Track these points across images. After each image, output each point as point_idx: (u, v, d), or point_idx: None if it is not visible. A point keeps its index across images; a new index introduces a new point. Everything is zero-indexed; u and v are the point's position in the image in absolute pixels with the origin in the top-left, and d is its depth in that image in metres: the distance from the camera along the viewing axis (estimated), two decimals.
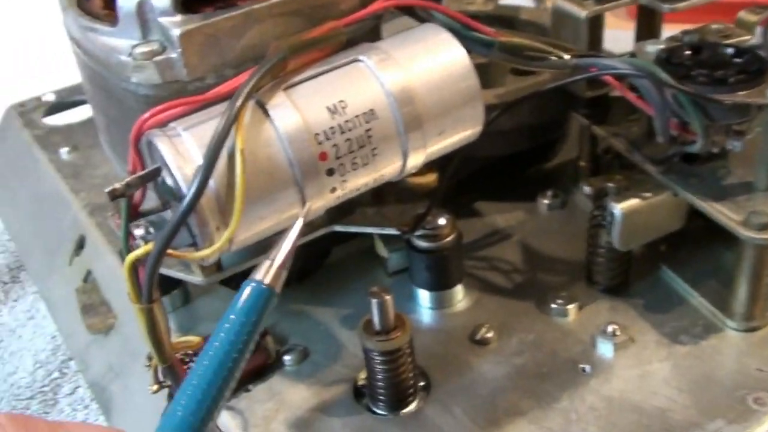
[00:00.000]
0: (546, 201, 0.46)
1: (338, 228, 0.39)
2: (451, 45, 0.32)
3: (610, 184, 0.38)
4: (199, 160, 0.28)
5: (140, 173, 0.28)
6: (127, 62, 0.32)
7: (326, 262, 0.44)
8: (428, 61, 0.31)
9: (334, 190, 0.30)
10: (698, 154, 0.38)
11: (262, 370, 0.38)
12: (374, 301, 0.33)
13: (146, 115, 0.28)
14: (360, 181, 0.31)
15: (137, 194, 0.29)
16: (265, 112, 0.29)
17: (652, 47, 0.39)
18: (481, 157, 0.47)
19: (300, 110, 0.29)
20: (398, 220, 0.39)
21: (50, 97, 0.63)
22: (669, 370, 0.36)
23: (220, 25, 0.32)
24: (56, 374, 0.49)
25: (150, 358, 0.38)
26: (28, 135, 0.59)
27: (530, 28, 0.52)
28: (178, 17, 0.32)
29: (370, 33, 0.35)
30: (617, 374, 0.36)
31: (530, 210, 0.46)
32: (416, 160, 0.32)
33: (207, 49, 0.32)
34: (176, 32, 0.31)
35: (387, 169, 0.32)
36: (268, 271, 0.27)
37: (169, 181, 0.28)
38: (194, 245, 0.29)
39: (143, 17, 0.32)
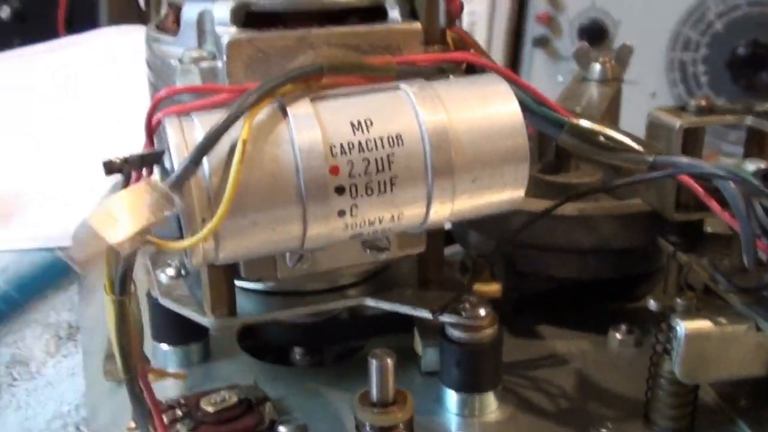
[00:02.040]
0: (619, 336, 0.41)
1: (370, 302, 0.36)
2: (506, 98, 0.30)
3: (679, 300, 0.33)
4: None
5: (141, 152, 0.27)
6: (175, 66, 0.31)
7: (360, 354, 0.41)
8: (476, 107, 0.29)
9: (342, 213, 0.28)
10: None
11: None
12: (373, 364, 0.29)
13: (162, 93, 0.27)
14: (374, 211, 0.28)
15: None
16: (285, 114, 0.27)
17: (753, 165, 0.35)
18: (552, 277, 0.43)
19: (321, 118, 0.27)
20: (434, 304, 0.35)
21: None
22: None
23: (273, 42, 0.31)
24: (71, 429, 0.47)
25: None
26: None
27: None
28: (234, 29, 0.31)
29: None
30: None
31: (598, 342, 0.41)
32: (442, 208, 0.29)
33: (254, 63, 0.31)
34: (224, 40, 0.30)
35: (407, 208, 0.29)
36: None
37: (167, 165, 0.27)
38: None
39: (202, 27, 0.32)
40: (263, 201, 0.26)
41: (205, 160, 0.26)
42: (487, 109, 0.29)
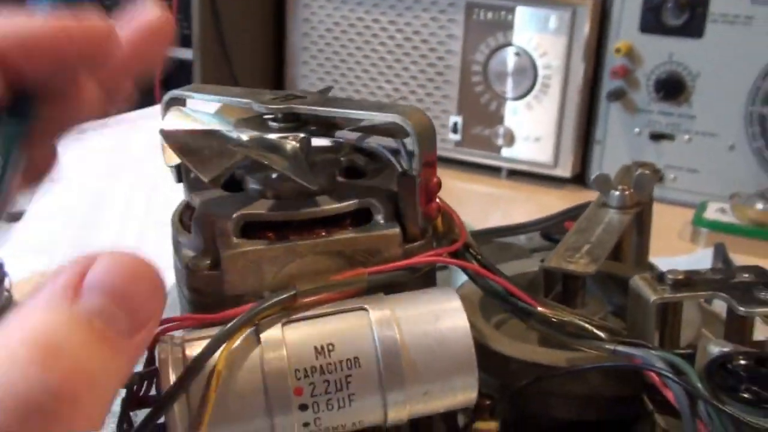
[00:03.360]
0: None
1: None
2: (456, 315, 0.34)
3: None
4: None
5: (140, 371, 0.32)
6: (184, 271, 0.37)
7: None
8: (428, 326, 0.33)
9: (307, 424, 0.32)
10: None
11: None
12: None
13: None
14: (336, 421, 0.33)
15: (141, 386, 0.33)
16: (258, 340, 0.32)
17: (716, 348, 0.37)
18: (548, 417, 0.46)
19: (288, 345, 0.32)
20: None
21: None
22: None
23: (264, 254, 0.36)
24: None
25: None
26: None
27: None
28: (234, 239, 0.36)
29: (413, 282, 0.37)
30: None
31: None
32: (398, 414, 0.33)
33: (248, 272, 0.36)
34: (223, 254, 0.35)
35: (365, 416, 0.33)
36: None
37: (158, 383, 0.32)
38: None
39: (207, 233, 0.37)
40: (235, 418, 0.32)
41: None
42: (437, 325, 0.33)
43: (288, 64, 1.23)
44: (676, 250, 0.89)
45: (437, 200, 0.38)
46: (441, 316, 0.34)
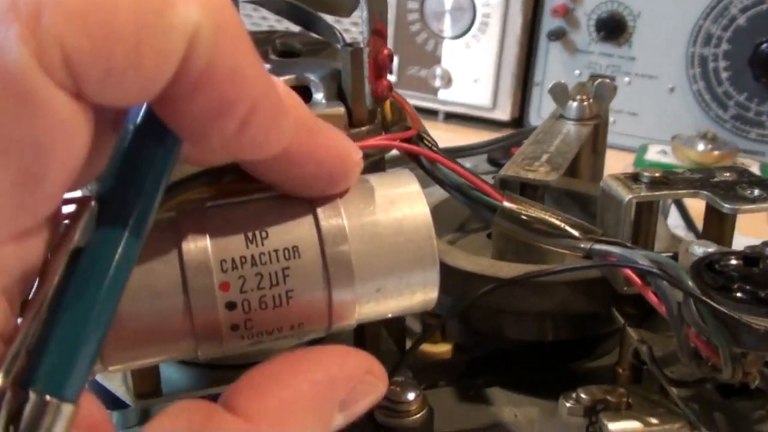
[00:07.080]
0: (568, 404, 0.39)
1: None
2: (415, 200, 0.28)
3: (609, 398, 0.32)
4: None
5: None
6: None
7: None
8: (380, 212, 0.28)
9: (236, 327, 0.27)
10: (734, 386, 0.31)
11: None
12: None
13: None
14: (271, 324, 0.27)
15: None
16: (176, 228, 0.26)
17: (701, 249, 0.33)
18: (506, 338, 0.42)
19: (211, 231, 0.26)
20: None
21: None
22: None
23: None
24: None
25: None
26: None
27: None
28: None
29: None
30: None
31: (547, 409, 0.40)
32: (345, 316, 0.28)
33: None
34: None
35: (306, 318, 0.28)
36: None
37: None
38: None
39: None
40: (149, 320, 0.26)
41: None
42: (392, 213, 0.28)
43: None
44: None
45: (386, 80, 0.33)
46: (396, 201, 0.28)
